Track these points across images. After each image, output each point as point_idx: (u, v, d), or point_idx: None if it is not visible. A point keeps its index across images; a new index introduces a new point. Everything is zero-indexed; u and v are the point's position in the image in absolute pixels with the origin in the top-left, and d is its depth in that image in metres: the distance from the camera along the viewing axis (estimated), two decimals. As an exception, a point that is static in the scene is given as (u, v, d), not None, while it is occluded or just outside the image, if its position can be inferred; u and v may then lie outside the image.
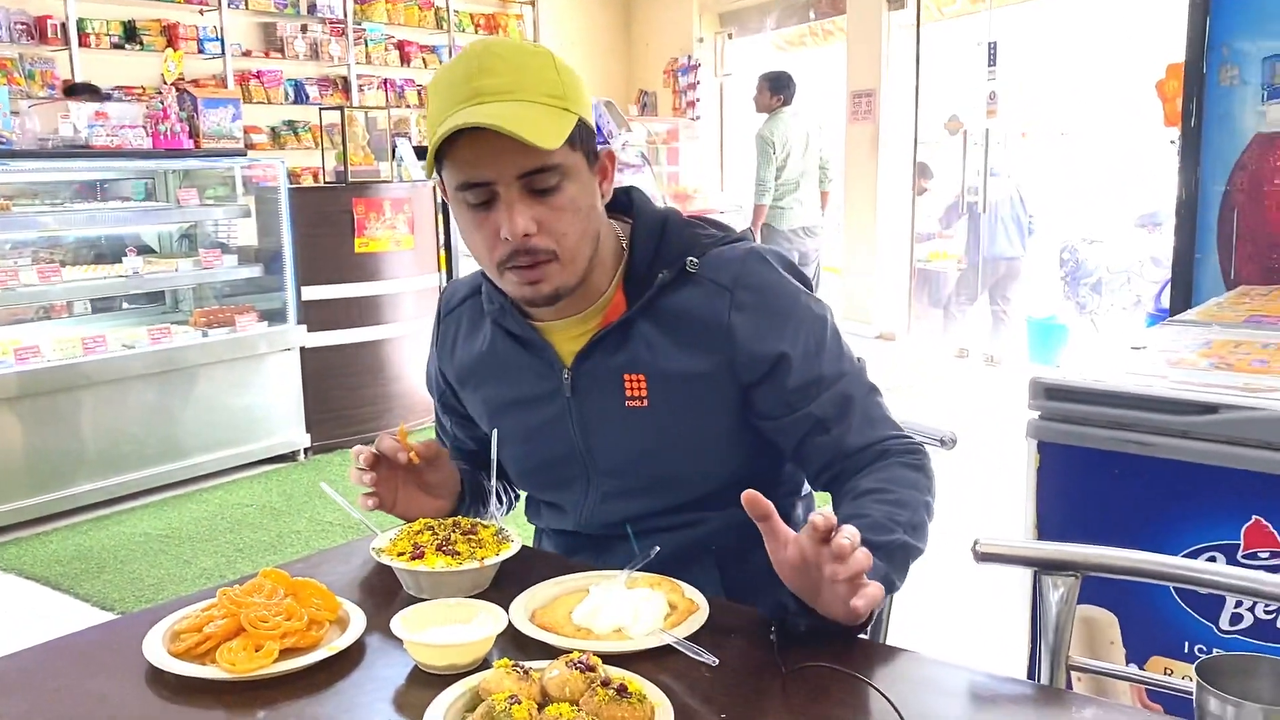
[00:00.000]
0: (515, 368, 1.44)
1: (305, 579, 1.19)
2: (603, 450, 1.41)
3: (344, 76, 8.23)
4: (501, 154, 1.22)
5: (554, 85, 1.26)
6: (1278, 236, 3.23)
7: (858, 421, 1.34)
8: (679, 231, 1.40)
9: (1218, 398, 1.73)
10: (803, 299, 1.38)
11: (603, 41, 10.33)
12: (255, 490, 4.60)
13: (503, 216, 1.25)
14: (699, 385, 1.36)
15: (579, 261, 1.31)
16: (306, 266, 4.90)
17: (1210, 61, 3.29)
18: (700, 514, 1.42)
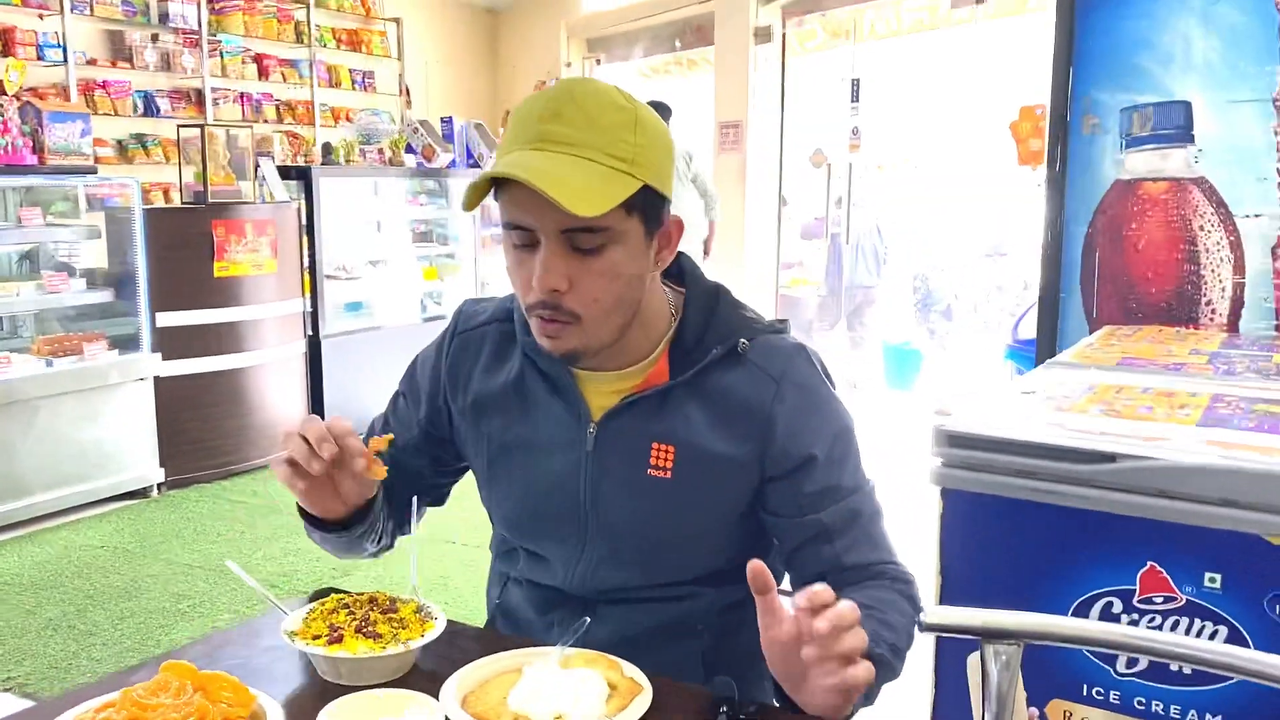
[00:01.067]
0: (537, 407, 1.38)
1: (214, 672, 1.09)
2: (610, 514, 1.35)
3: (198, 89, 7.87)
4: (547, 204, 1.16)
5: (624, 147, 1.21)
6: (1135, 278, 3.39)
7: (860, 540, 1.34)
8: (730, 310, 1.38)
9: (1116, 447, 1.78)
10: (838, 406, 1.38)
11: (468, 61, 10.21)
12: (105, 530, 4.31)
13: (538, 266, 1.21)
14: (726, 468, 1.33)
15: (606, 328, 1.28)
16: (162, 291, 4.64)
17: (1073, 110, 3.45)
18: (691, 590, 1.38)
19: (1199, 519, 1.72)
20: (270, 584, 3.75)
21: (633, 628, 1.28)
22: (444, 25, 9.98)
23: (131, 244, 4.55)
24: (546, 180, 1.14)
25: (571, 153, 1.18)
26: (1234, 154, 3.20)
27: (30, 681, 3.03)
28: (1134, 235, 3.39)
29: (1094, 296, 3.49)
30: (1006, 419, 2.00)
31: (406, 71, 9.47)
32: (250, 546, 4.14)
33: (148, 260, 4.56)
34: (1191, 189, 3.29)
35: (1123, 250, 3.42)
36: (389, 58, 9.40)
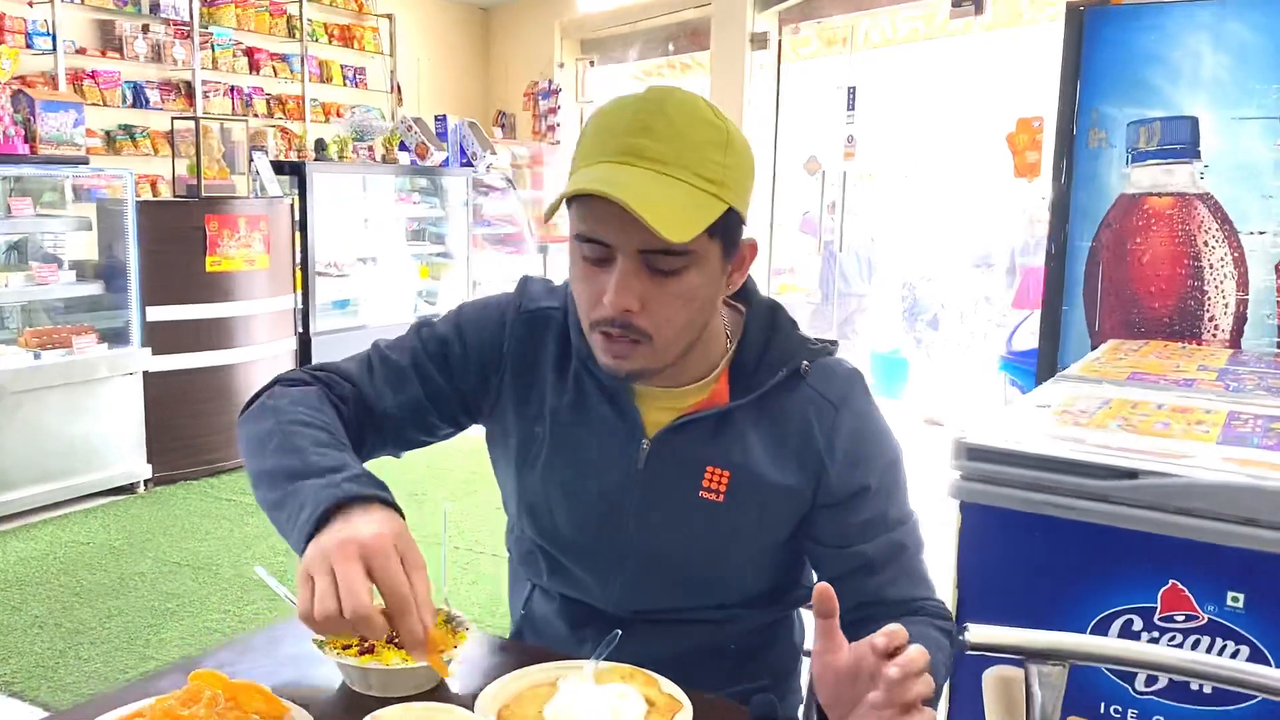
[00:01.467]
0: (590, 416, 1.31)
1: (245, 681, 1.05)
2: (655, 534, 1.30)
3: (187, 81, 7.79)
4: (630, 223, 1.10)
5: (715, 168, 1.15)
6: (1138, 293, 3.40)
7: (902, 574, 1.31)
8: (789, 329, 1.34)
9: (1138, 463, 1.77)
10: (890, 435, 1.35)
11: (460, 59, 10.16)
12: (91, 526, 4.25)
13: (611, 284, 1.15)
14: (779, 495, 1.29)
15: (673, 350, 1.22)
16: (153, 285, 4.59)
17: (1080, 123, 3.45)
18: (729, 613, 1.36)
19: (1221, 537, 1.71)
20: (261, 584, 3.71)
21: (664, 649, 1.24)
22: (436, 23, 9.93)
23: (123, 236, 4.49)
24: (639, 201, 1.09)
25: (662, 171, 1.13)
26: (1240, 171, 3.21)
27: (17, 680, 2.97)
28: (1138, 250, 3.40)
29: (1097, 310, 3.49)
30: (1024, 433, 1.98)
31: (398, 68, 9.41)
32: (239, 546, 4.08)
33: (139, 253, 4.49)
34: (1196, 205, 3.30)
35: (1127, 264, 3.43)
36: (381, 54, 9.34)
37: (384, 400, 1.33)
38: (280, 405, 1.24)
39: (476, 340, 1.35)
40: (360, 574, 0.96)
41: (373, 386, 1.33)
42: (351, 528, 1.00)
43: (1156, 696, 1.81)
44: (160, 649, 3.18)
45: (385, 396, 1.33)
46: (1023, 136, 5.76)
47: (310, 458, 1.13)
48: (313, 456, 1.13)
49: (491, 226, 7.02)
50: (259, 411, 1.26)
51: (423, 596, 0.99)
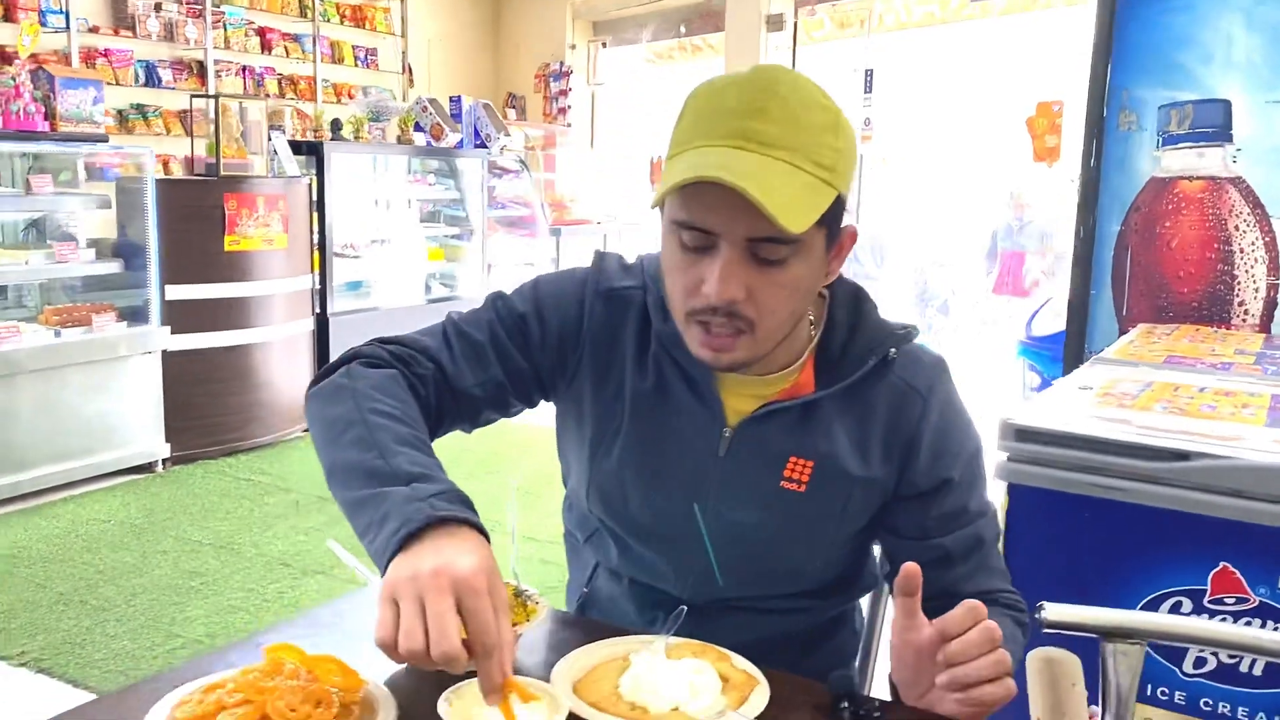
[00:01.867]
0: (671, 402, 1.27)
1: (321, 655, 1.04)
2: (733, 523, 1.28)
3: (200, 61, 7.76)
4: (738, 210, 1.06)
5: (827, 154, 1.10)
6: (1167, 277, 3.38)
7: (980, 567, 1.28)
8: (873, 315, 1.29)
9: (1189, 445, 1.76)
10: (973, 425, 1.32)
11: (471, 40, 10.12)
12: (111, 505, 4.25)
13: (714, 273, 1.11)
14: (861, 486, 1.27)
15: (773, 340, 1.19)
16: (172, 264, 4.57)
17: (1110, 106, 3.43)
18: (798, 603, 1.34)
19: (1274, 519, 1.70)
20: (282, 563, 3.71)
21: (731, 637, 1.19)
22: (448, 4, 9.88)
23: (142, 215, 4.47)
24: (760, 188, 1.04)
25: (778, 156, 1.08)
26: (1273, 154, 3.19)
27: (45, 656, 2.97)
28: (1167, 234, 3.38)
29: (1125, 294, 3.47)
30: (1070, 415, 1.97)
31: (409, 49, 9.37)
32: (260, 524, 4.08)
33: (159, 231, 4.48)
34: (1228, 188, 3.28)
35: (1155, 249, 3.41)
36: (392, 35, 9.30)
37: (464, 379, 1.28)
38: (359, 388, 1.18)
39: (556, 318, 1.31)
40: (452, 611, 0.91)
41: (453, 364, 1.28)
42: (444, 556, 0.94)
43: (1205, 679, 1.81)
44: (186, 626, 3.19)
45: (465, 375, 1.28)
46: (1042, 120, 5.73)
47: (395, 460, 1.08)
48: (397, 458, 1.09)
49: (505, 209, 7.00)
50: (334, 391, 1.20)
51: (507, 640, 0.94)
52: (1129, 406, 2.03)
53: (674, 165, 1.12)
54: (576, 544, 1.48)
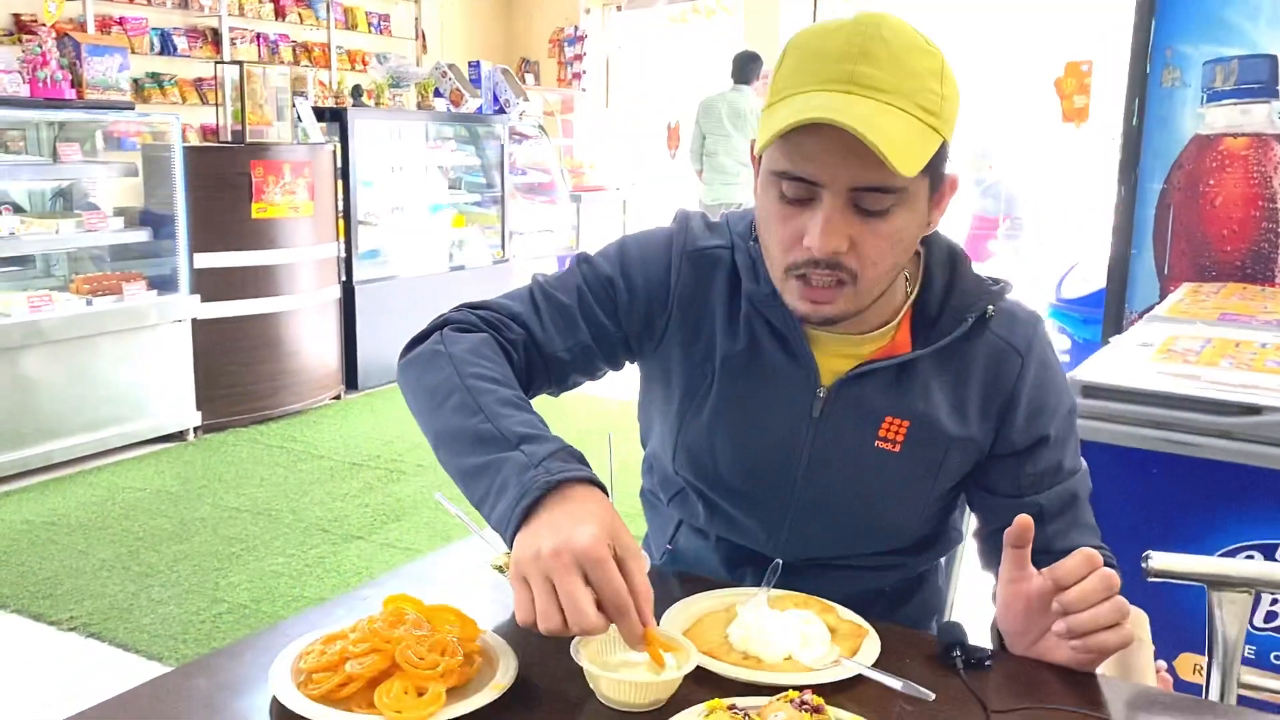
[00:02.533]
0: (764, 362, 1.26)
1: (438, 604, 1.05)
2: (827, 483, 1.27)
3: (214, 28, 7.71)
4: (843, 158, 1.05)
5: (933, 99, 1.08)
6: (1210, 235, 3.36)
7: (1072, 524, 1.27)
8: (969, 271, 1.27)
9: (1261, 399, 1.76)
10: (1066, 381, 1.31)
11: (484, 5, 10.03)
12: (146, 473, 4.26)
13: (816, 224, 1.09)
14: (957, 445, 1.25)
15: (874, 293, 1.17)
16: (200, 232, 4.56)
17: (1154, 63, 3.39)
18: (889, 560, 1.34)
19: (1351, 474, 1.69)
20: (321, 528, 3.72)
21: (821, 593, 1.21)
22: (461, -31, 9.80)
23: (169, 183, 4.46)
24: (873, 131, 1.02)
25: (886, 100, 1.05)
26: (1320, 110, 3.15)
27: (94, 621, 3.00)
28: (1211, 192, 3.35)
29: (1166, 253, 3.45)
30: (1136, 371, 1.97)
31: (422, 15, 9.29)
32: (296, 491, 4.10)
33: (186, 200, 4.46)
34: (1273, 145, 3.24)
35: (1198, 207, 3.38)
36: (405, 0, 9.22)
37: (554, 344, 1.28)
38: (455, 353, 1.18)
39: (643, 280, 1.29)
40: (580, 587, 0.92)
41: (542, 329, 1.28)
42: (563, 533, 0.94)
43: (1275, 632, 1.81)
44: (230, 591, 3.20)
45: (555, 340, 1.28)
46: (1071, 80, 5.67)
47: (502, 423, 1.08)
48: (504, 421, 1.09)
49: (525, 175, 6.96)
50: (430, 358, 1.20)
51: (642, 591, 0.95)
52: (1193, 363, 2.02)
53: (776, 111, 1.10)
54: (657, 504, 1.47)
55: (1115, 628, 1.05)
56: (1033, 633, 1.11)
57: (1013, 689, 1.04)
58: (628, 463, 1.40)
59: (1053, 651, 1.09)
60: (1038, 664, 1.10)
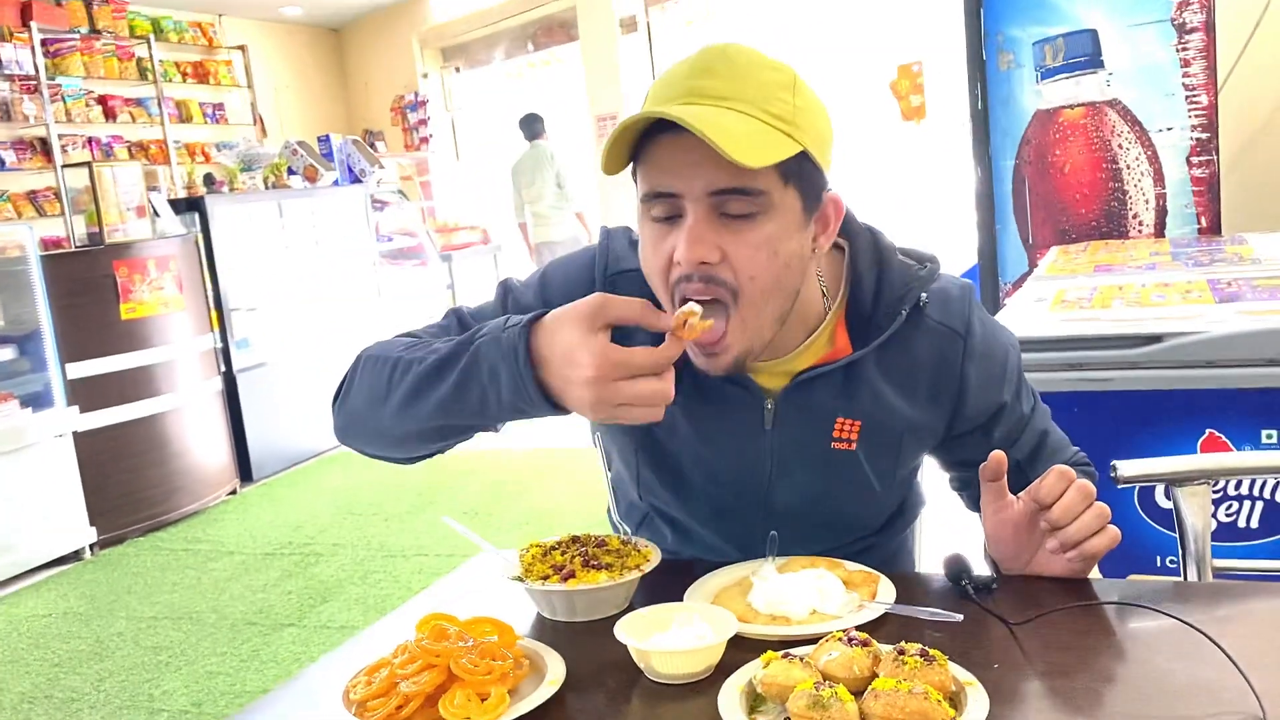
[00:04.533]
0: (705, 389, 1.25)
1: (474, 617, 1.06)
2: (789, 488, 1.29)
3: (42, 138, 7.44)
4: (696, 166, 1.06)
5: (784, 107, 1.09)
6: (1065, 201, 3.59)
7: (1052, 453, 1.34)
8: (894, 259, 1.27)
9: (1159, 328, 1.90)
10: (1004, 331, 1.34)
11: (318, 83, 9.97)
12: (47, 598, 4.04)
13: (682, 237, 1.09)
14: (911, 435, 1.29)
15: (765, 317, 1.14)
16: (70, 341, 4.38)
17: (988, 49, 3.62)
18: (860, 545, 1.38)
19: (1249, 381, 1.84)
20: (248, 621, 3.60)
21: None
22: (289, 49, 9.72)
23: (28, 295, 4.28)
24: (706, 125, 1.02)
25: (727, 105, 1.07)
26: (1142, 74, 3.42)
27: (26, 756, 2.83)
28: (1059, 160, 3.58)
29: (1028, 223, 3.67)
30: (1039, 322, 2.10)
31: (258, 100, 9.17)
32: (213, 590, 3.95)
33: (50, 310, 4.29)
34: (1107, 111, 3.50)
35: (1050, 176, 3.61)
36: (239, 87, 9.09)
37: None
38: (379, 355, 1.24)
39: (559, 297, 1.25)
40: (625, 390, 1.02)
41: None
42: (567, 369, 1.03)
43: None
44: (167, 700, 3.07)
45: None
46: (904, 81, 5.98)
47: (445, 346, 1.14)
48: (445, 345, 1.14)
49: (392, 241, 6.92)
50: (359, 375, 1.26)
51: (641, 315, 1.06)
52: (1089, 308, 2.17)
53: (615, 131, 1.10)
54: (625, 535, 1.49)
55: (1102, 531, 1.12)
56: (1025, 554, 1.18)
57: (1021, 603, 1.10)
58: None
59: (1048, 566, 1.16)
60: (1036, 579, 1.17)
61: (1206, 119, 3.37)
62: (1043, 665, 0.97)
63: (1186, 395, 1.89)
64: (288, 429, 5.67)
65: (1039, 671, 0.96)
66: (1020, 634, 1.03)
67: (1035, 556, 1.17)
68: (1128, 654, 0.99)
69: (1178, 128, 3.41)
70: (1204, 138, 3.38)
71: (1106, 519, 1.12)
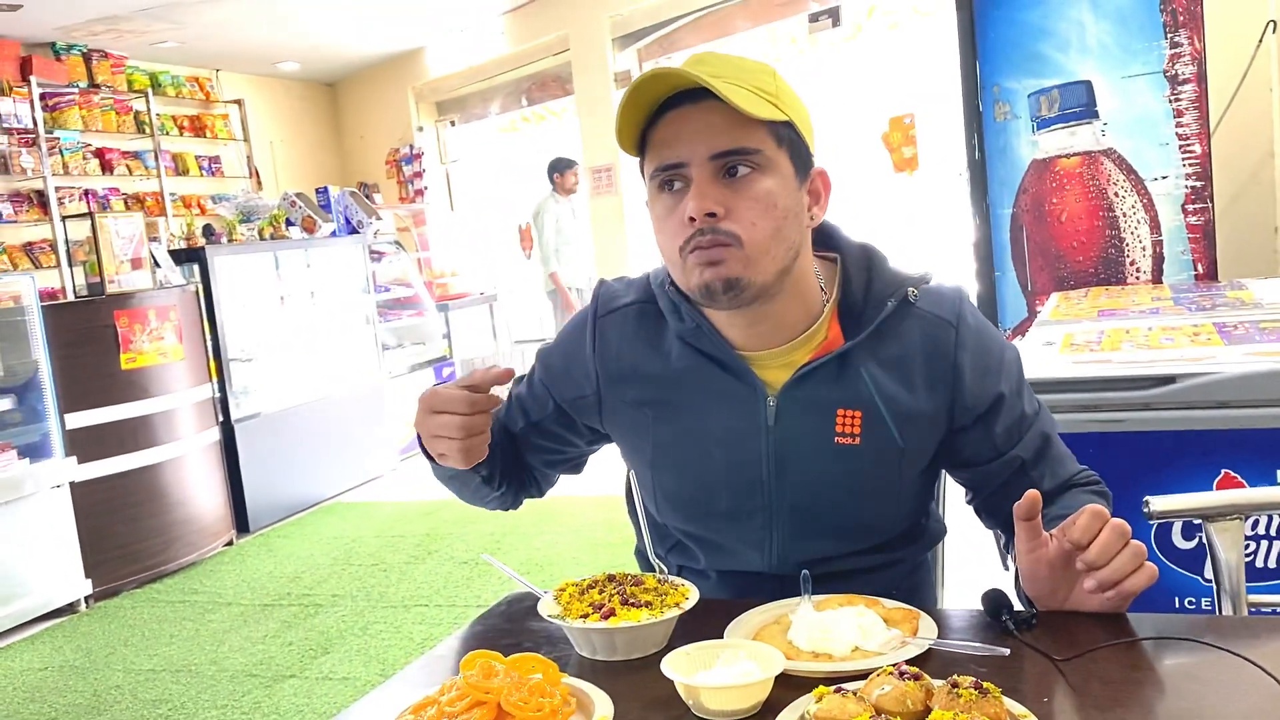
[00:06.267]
0: (707, 393, 1.33)
1: (519, 655, 1.05)
2: (797, 488, 1.32)
3: (39, 190, 7.46)
4: (697, 134, 1.21)
5: (768, 85, 1.23)
6: (1063, 249, 3.64)
7: (1053, 462, 1.36)
8: (885, 265, 1.36)
9: (1172, 369, 1.92)
10: (1001, 337, 1.39)
11: (314, 136, 10.04)
12: (42, 651, 3.99)
13: (690, 196, 1.22)
14: (915, 426, 1.32)
15: (767, 260, 1.24)
16: (69, 391, 4.37)
17: (984, 100, 3.69)
18: (881, 557, 1.39)
19: (1264, 422, 1.86)
20: (248, 674, 3.56)
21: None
22: (285, 103, 9.80)
23: (27, 345, 4.27)
24: (706, 76, 1.17)
25: (720, 80, 1.19)
26: (1137, 124, 3.49)
27: (24, 812, 2.77)
28: (1056, 209, 3.64)
29: (1027, 270, 3.71)
30: (1051, 365, 2.12)
31: (253, 153, 9.24)
32: (211, 642, 3.90)
33: (51, 360, 4.28)
34: (1102, 160, 3.56)
35: (1048, 224, 3.67)
36: (234, 140, 9.15)
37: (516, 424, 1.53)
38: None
39: (565, 362, 1.46)
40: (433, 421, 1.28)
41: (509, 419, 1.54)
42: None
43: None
44: None
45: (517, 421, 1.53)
46: (896, 134, 6.07)
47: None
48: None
49: (388, 292, 6.93)
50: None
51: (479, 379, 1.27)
52: (1099, 350, 2.19)
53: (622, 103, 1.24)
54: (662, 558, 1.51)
55: (1139, 569, 1.13)
56: (1061, 591, 1.18)
57: (1061, 638, 1.10)
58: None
59: (1084, 603, 1.17)
60: (1074, 613, 1.17)
61: (1200, 167, 3.44)
62: (1093, 699, 0.97)
63: (1201, 436, 1.91)
64: (285, 479, 5.65)
65: (1091, 705, 0.96)
66: (1066, 669, 1.03)
67: (1072, 594, 1.18)
68: (1181, 688, 1.00)
69: (1172, 176, 3.47)
70: (1198, 185, 3.44)
71: (1143, 557, 1.13)
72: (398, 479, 6.37)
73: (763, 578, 1.39)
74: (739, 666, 1.01)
